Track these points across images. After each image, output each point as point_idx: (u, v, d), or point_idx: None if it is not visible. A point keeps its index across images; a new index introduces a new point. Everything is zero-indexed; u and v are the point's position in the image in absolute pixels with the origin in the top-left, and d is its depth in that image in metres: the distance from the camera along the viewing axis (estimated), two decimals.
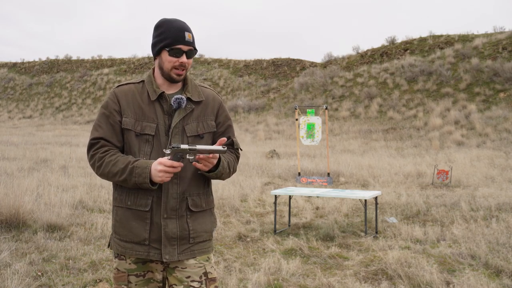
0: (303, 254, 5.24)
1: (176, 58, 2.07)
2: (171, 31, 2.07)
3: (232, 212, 7.34)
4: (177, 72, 2.10)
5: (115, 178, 2.02)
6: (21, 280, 3.90)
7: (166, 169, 1.93)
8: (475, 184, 9.75)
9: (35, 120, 36.29)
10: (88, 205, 7.18)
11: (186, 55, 2.09)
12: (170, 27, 2.08)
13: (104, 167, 2.04)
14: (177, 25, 2.09)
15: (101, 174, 2.06)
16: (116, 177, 2.02)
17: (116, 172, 2.01)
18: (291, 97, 29.23)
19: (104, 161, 2.04)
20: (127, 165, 2.00)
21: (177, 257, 2.07)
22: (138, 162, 2.00)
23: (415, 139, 19.09)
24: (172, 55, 2.07)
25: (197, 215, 2.14)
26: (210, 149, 1.93)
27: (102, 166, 2.04)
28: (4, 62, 51.19)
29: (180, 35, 2.06)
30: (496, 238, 5.56)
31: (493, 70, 23.17)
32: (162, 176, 1.94)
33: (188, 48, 2.09)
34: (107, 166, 2.03)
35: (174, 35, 2.06)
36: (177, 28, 2.07)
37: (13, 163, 11.30)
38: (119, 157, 2.04)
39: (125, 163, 2.00)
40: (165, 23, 2.11)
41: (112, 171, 2.01)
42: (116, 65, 44.24)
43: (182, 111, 2.11)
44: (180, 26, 2.09)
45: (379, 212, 7.15)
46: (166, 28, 2.09)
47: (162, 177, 1.95)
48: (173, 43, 2.06)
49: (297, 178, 10.68)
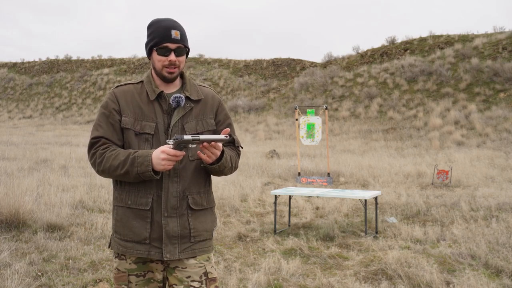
0: (303, 254, 5.24)
1: (165, 57, 2.08)
2: (159, 30, 2.08)
3: (232, 212, 7.34)
4: (168, 70, 2.10)
5: (117, 171, 2.01)
6: (21, 280, 3.90)
7: (169, 157, 1.93)
8: (475, 184, 9.75)
9: (35, 120, 36.28)
10: (88, 205, 7.18)
11: (174, 53, 2.09)
12: (158, 26, 2.10)
13: (105, 162, 2.03)
14: (164, 24, 2.10)
15: (102, 170, 2.05)
16: (117, 171, 2.01)
17: (117, 165, 2.00)
18: (291, 97, 29.23)
19: (104, 156, 2.04)
20: (127, 156, 2.00)
21: (178, 256, 2.07)
22: (138, 152, 2.00)
23: (415, 139, 19.09)
24: (161, 54, 2.08)
25: (198, 214, 2.15)
26: (213, 138, 1.93)
27: (103, 162, 2.04)
28: (4, 62, 51.19)
29: (166, 33, 2.07)
30: (496, 238, 5.56)
31: (493, 70, 23.17)
32: (165, 165, 1.94)
33: (176, 46, 2.09)
34: (108, 161, 2.02)
35: (161, 34, 2.07)
36: (164, 27, 2.09)
37: (13, 163, 11.30)
38: (119, 151, 2.04)
39: (125, 155, 2.00)
40: (155, 23, 2.13)
41: (113, 165, 2.01)
42: (116, 65, 44.25)
43: (181, 110, 2.12)
44: (167, 25, 2.09)
45: (379, 212, 7.15)
46: (155, 27, 2.11)
47: (165, 165, 1.94)
48: (160, 41, 2.07)
49: (297, 178, 10.68)
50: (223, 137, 1.94)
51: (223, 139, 1.94)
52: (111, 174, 2.04)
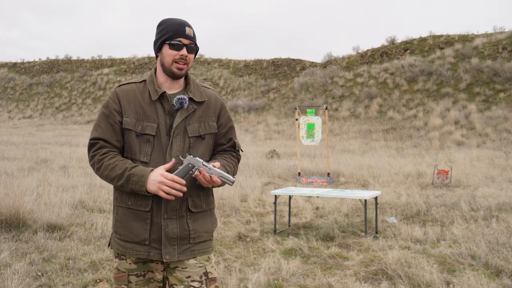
0: (303, 254, 5.24)
1: (177, 51, 2.09)
2: (172, 26, 2.11)
3: (232, 212, 7.34)
4: (178, 66, 2.10)
5: (113, 182, 2.05)
6: (21, 280, 3.89)
7: (165, 182, 1.95)
8: (475, 184, 9.75)
9: (35, 120, 36.27)
10: (88, 205, 7.18)
11: (187, 49, 2.10)
12: (171, 23, 2.13)
13: (102, 171, 2.06)
14: (178, 21, 2.14)
15: (100, 176, 2.10)
16: (114, 182, 2.05)
17: (113, 177, 2.03)
18: (291, 97, 29.22)
19: (102, 164, 2.05)
20: (124, 171, 2.01)
21: (177, 257, 2.07)
22: (135, 169, 2.01)
23: (415, 139, 19.09)
24: (173, 48, 2.09)
25: (198, 216, 2.14)
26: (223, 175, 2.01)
27: (101, 169, 2.06)
28: (4, 62, 51.18)
29: (180, 29, 2.10)
30: (496, 238, 5.56)
31: (493, 70, 23.17)
32: (158, 189, 1.95)
33: (189, 42, 2.11)
34: (105, 170, 2.05)
35: (175, 29, 2.10)
36: (178, 23, 2.12)
37: (13, 163, 11.30)
38: (117, 161, 2.04)
39: (122, 169, 2.01)
40: (167, 21, 2.15)
41: (110, 176, 2.04)
42: (116, 65, 44.24)
43: (184, 111, 2.11)
44: (181, 22, 2.13)
45: (379, 212, 7.15)
46: (168, 24, 2.13)
47: (159, 189, 1.95)
48: (174, 36, 2.09)
49: (297, 178, 10.68)
50: (230, 179, 2.02)
51: (230, 180, 2.02)
52: (108, 182, 2.08)
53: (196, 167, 2.00)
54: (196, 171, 2.00)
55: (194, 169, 2.00)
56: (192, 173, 2.01)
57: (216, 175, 2.00)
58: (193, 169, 2.00)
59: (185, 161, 2.01)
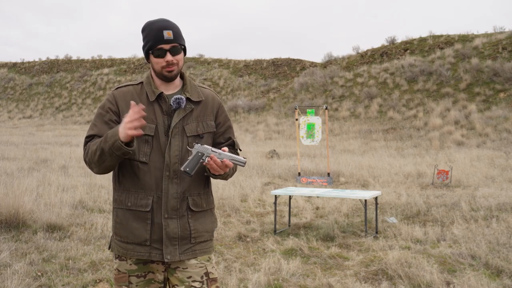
0: (303, 254, 5.23)
1: (161, 59, 2.08)
2: (151, 33, 2.08)
3: (232, 212, 7.33)
4: (167, 69, 2.09)
5: (96, 154, 1.98)
6: (21, 280, 3.89)
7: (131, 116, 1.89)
8: (475, 184, 9.75)
9: (35, 120, 36.28)
10: (88, 205, 7.18)
11: (170, 53, 2.08)
12: (150, 29, 2.09)
13: (89, 153, 2.02)
14: (156, 26, 2.09)
15: (89, 162, 2.04)
16: (96, 154, 1.98)
17: (95, 149, 1.98)
18: (291, 97, 29.22)
19: (89, 148, 2.04)
20: (101, 139, 1.99)
21: (178, 257, 2.07)
22: (109, 131, 1.99)
23: (415, 139, 19.09)
24: (157, 56, 2.08)
25: (198, 215, 2.14)
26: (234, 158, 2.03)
27: (88, 153, 2.04)
28: (4, 62, 51.18)
29: (158, 35, 2.06)
30: (497, 238, 5.56)
31: (493, 70, 23.16)
32: (128, 128, 1.89)
33: (170, 46, 2.07)
34: (90, 149, 2.02)
35: (154, 36, 2.07)
36: (156, 29, 2.07)
37: (13, 163, 11.30)
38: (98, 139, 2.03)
39: (101, 138, 2.00)
40: (147, 26, 2.12)
41: (93, 150, 2.00)
42: (116, 65, 44.24)
43: (182, 111, 2.11)
44: (159, 26, 2.08)
45: (379, 212, 7.15)
46: (148, 31, 2.10)
47: (129, 128, 1.89)
48: (154, 44, 2.07)
49: (297, 178, 10.68)
50: (242, 160, 2.03)
51: (242, 161, 2.03)
52: (95, 161, 2.01)
53: (206, 155, 2.00)
54: (206, 158, 2.00)
55: (204, 157, 2.00)
56: (202, 161, 2.01)
57: (227, 158, 2.00)
58: (203, 157, 2.01)
59: (194, 150, 2.02)
